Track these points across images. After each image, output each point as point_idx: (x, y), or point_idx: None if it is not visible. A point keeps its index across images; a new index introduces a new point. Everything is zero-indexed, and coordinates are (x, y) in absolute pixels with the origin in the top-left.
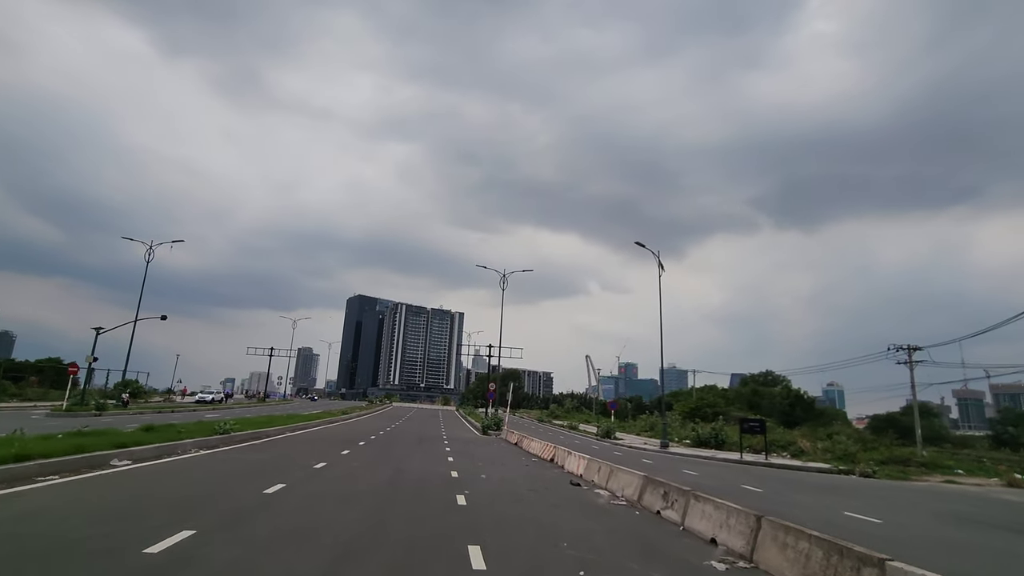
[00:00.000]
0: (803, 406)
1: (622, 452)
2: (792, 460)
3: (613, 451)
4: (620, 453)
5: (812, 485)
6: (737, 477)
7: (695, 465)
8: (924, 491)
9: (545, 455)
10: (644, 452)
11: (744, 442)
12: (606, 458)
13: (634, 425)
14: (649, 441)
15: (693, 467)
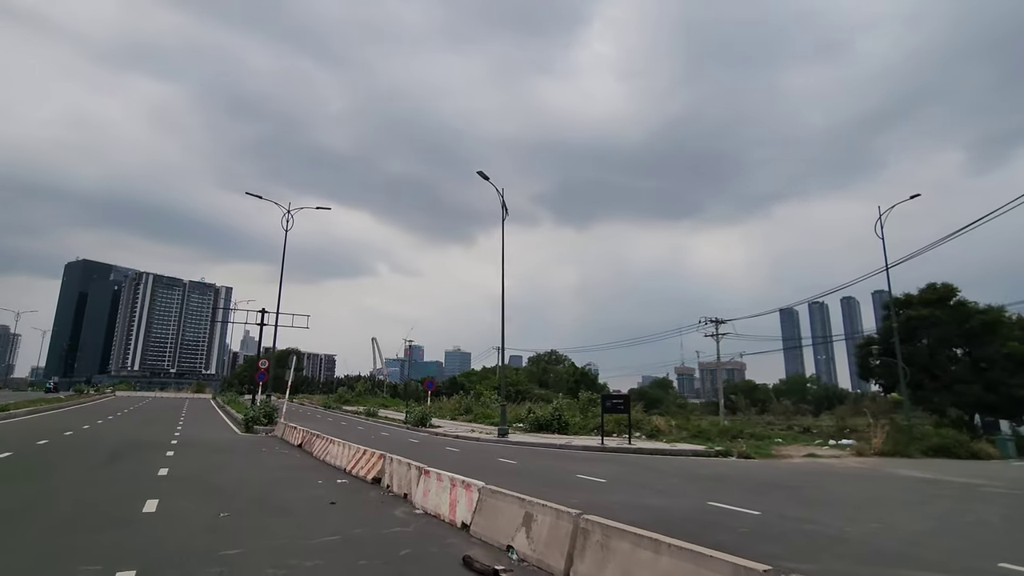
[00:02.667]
0: (587, 382)
1: (459, 448)
2: (657, 443)
3: (445, 446)
4: (457, 449)
5: (759, 482)
6: (646, 476)
7: (565, 459)
8: (867, 477)
9: (362, 470)
10: (485, 444)
11: (586, 424)
12: (468, 464)
13: (441, 408)
14: (476, 428)
15: (567, 462)
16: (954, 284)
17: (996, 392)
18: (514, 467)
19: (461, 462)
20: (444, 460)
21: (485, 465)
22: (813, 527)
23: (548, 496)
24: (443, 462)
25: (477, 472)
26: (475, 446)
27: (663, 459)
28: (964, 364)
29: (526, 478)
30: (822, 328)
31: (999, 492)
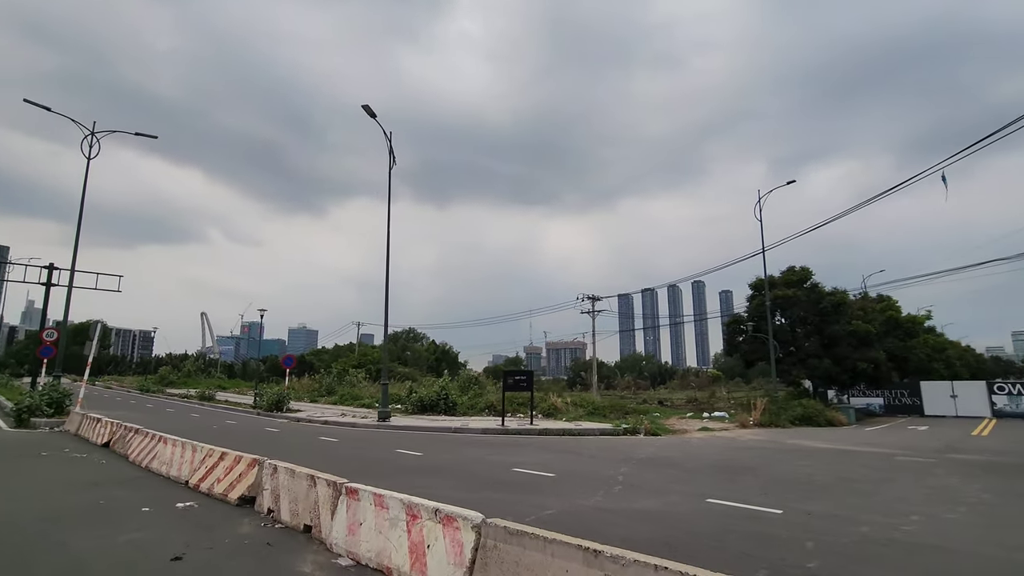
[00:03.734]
0: (448, 361)
1: (337, 438)
2: (559, 422)
3: (318, 436)
4: (336, 439)
5: (715, 465)
6: (589, 465)
7: (476, 446)
8: (793, 451)
9: (219, 484)
10: (368, 432)
11: (475, 404)
12: (361, 459)
13: (296, 389)
14: (347, 411)
15: (483, 449)
16: (809, 268)
17: (841, 365)
18: (424, 461)
19: (350, 457)
20: (325, 455)
21: (384, 460)
22: (866, 529)
23: (507, 503)
24: (324, 458)
25: (377, 471)
26: (356, 434)
27: (578, 440)
28: (816, 340)
29: (452, 477)
30: (665, 308)
31: (916, 460)
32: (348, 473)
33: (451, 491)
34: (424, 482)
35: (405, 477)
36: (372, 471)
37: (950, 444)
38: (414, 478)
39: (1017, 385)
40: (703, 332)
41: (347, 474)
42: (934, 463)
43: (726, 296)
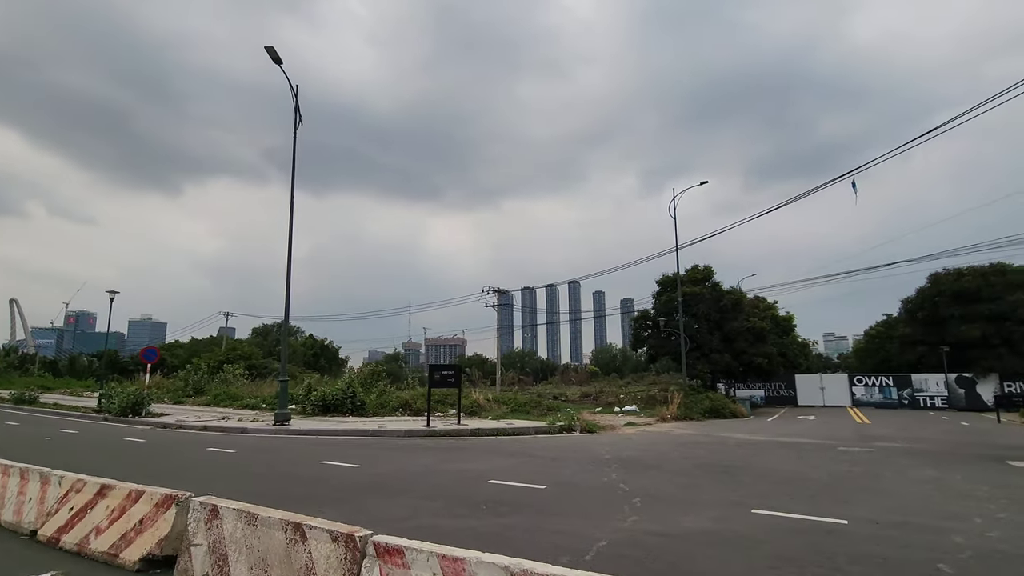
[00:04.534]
0: (328, 356)
1: (233, 447)
2: (488, 420)
3: (204, 447)
4: (232, 450)
5: (705, 466)
6: (563, 470)
7: (415, 452)
8: (744, 445)
9: (96, 536)
10: (269, 439)
11: (384, 402)
12: (279, 477)
13: (157, 389)
14: (230, 414)
15: (425, 456)
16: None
17: (739, 359)
18: (367, 476)
19: (267, 475)
20: (232, 474)
21: (315, 477)
22: (960, 539)
23: (529, 531)
24: (233, 478)
25: (319, 494)
26: (255, 442)
27: (520, 441)
28: (718, 336)
29: (421, 497)
30: (542, 305)
31: (864, 451)
32: (275, 498)
33: (444, 519)
34: (397, 508)
35: (362, 500)
36: (311, 494)
37: (860, 433)
38: (378, 501)
39: (870, 378)
40: (577, 331)
41: (274, 499)
42: (884, 453)
43: (599, 296)
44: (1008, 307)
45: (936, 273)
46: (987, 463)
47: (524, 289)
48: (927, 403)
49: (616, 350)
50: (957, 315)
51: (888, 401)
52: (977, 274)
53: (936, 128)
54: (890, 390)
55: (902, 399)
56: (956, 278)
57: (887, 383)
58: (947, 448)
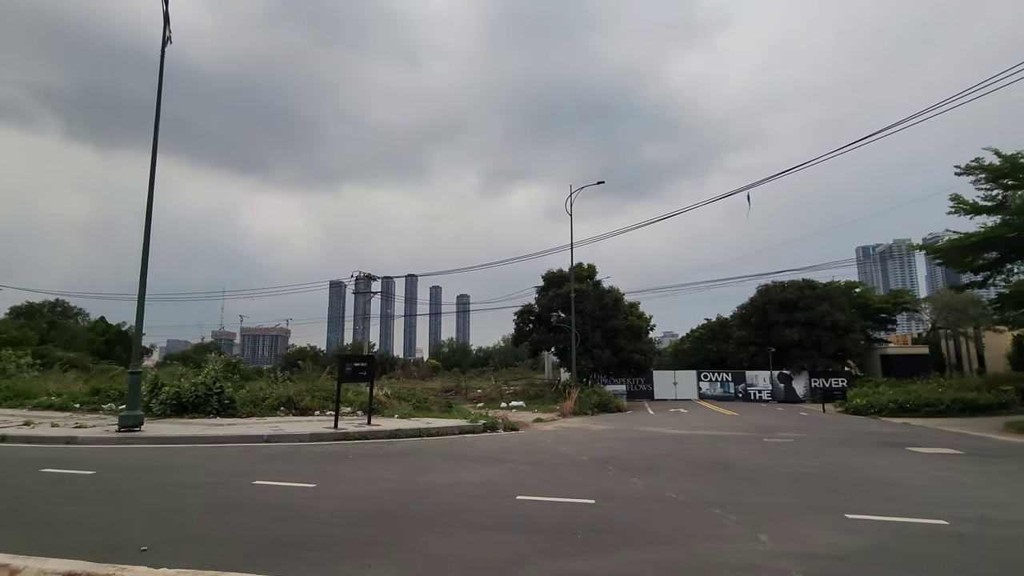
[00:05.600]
0: (125, 344)
1: (87, 467)
2: (405, 420)
3: (37, 469)
4: (91, 472)
5: (721, 465)
6: (577, 478)
7: (333, 460)
8: (698, 441)
9: None
10: (125, 451)
11: (258, 399)
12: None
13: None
14: (32, 418)
15: (348, 463)
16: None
17: (619, 356)
18: (361, 502)
19: (184, 510)
20: (123, 515)
21: (280, 508)
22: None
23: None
24: (129, 521)
25: (300, 536)
26: (111, 457)
27: (457, 442)
28: (599, 333)
29: (481, 528)
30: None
31: (787, 442)
32: (252, 548)
33: (561, 561)
34: (484, 549)
35: (414, 540)
36: (306, 538)
37: (752, 424)
38: (436, 540)
39: (714, 374)
40: (412, 325)
41: (252, 550)
42: (808, 443)
43: (436, 292)
44: (817, 316)
45: (766, 285)
46: (896, 451)
47: (383, 278)
48: (756, 396)
49: (457, 345)
50: (781, 321)
51: (727, 394)
52: (796, 287)
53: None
54: (729, 385)
55: (737, 392)
56: (781, 290)
57: (727, 379)
58: (844, 437)
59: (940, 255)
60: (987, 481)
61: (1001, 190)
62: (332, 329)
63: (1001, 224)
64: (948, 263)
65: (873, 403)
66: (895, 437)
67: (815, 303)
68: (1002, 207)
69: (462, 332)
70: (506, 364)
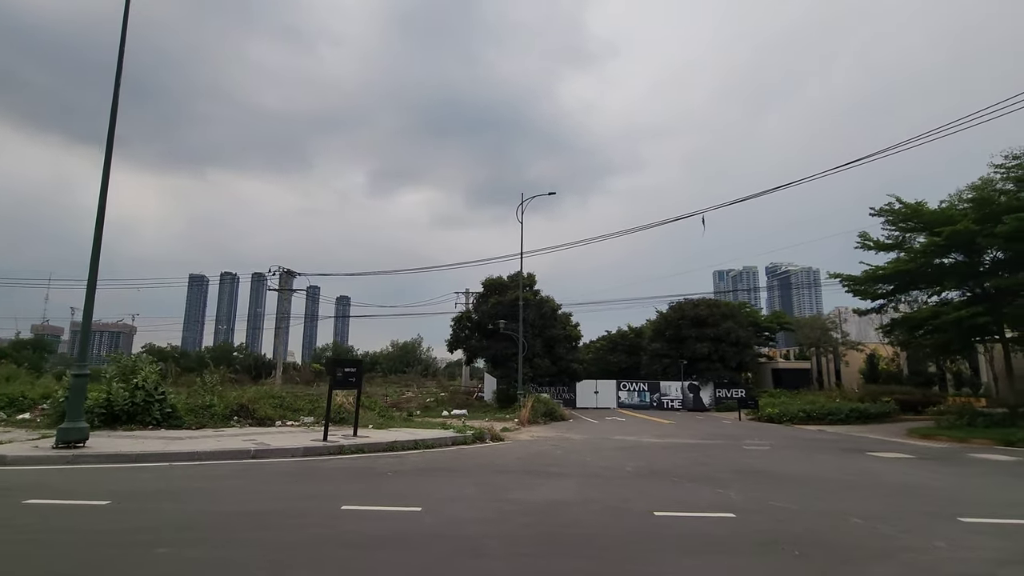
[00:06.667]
0: None
1: (54, 503)
2: (391, 430)
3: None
4: (76, 500)
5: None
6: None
7: (371, 478)
8: (686, 448)
9: None
10: (67, 469)
11: (197, 404)
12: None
13: None
14: None
15: (383, 480)
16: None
17: (558, 365)
18: (527, 527)
19: (306, 564)
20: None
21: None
22: None
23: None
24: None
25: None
26: (95, 483)
27: (464, 454)
28: (539, 342)
29: (713, 552)
30: (229, 301)
31: (761, 448)
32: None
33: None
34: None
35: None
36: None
37: (705, 432)
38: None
39: (632, 384)
40: (285, 326)
41: None
42: (792, 451)
43: (314, 292)
44: (723, 332)
45: (679, 302)
46: (858, 456)
47: (224, 275)
48: (669, 405)
49: (342, 349)
50: (693, 336)
51: (643, 403)
52: (706, 304)
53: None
54: (645, 394)
55: (652, 402)
56: (693, 307)
57: (644, 388)
58: (803, 444)
59: (852, 283)
60: (994, 483)
61: (900, 232)
62: (189, 328)
63: (907, 260)
64: (856, 292)
65: (785, 412)
66: (841, 443)
67: (721, 320)
68: (901, 245)
69: (341, 335)
70: (395, 371)
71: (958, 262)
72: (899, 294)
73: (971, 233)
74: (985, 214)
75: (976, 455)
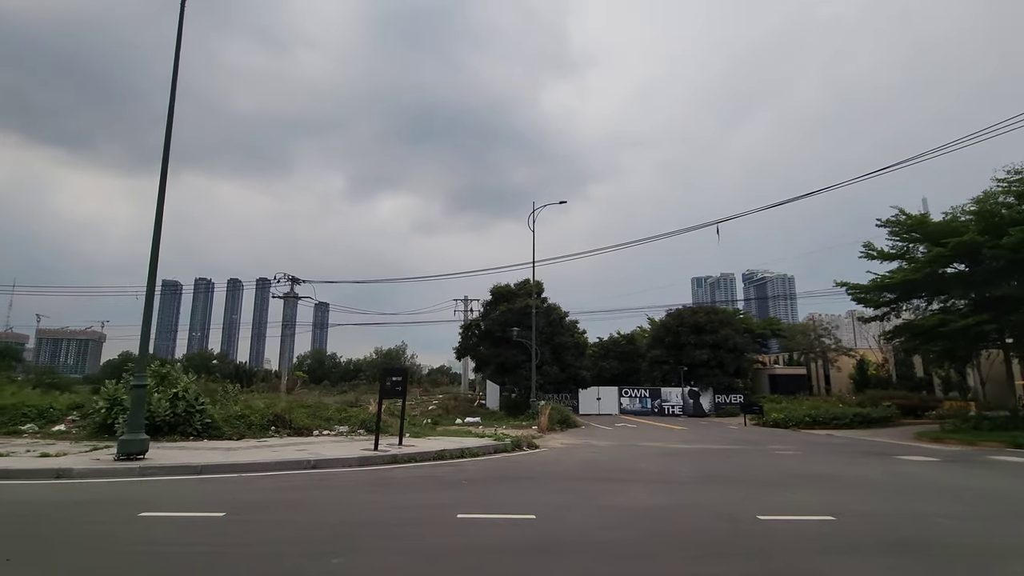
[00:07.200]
0: None
1: (182, 515)
2: (431, 438)
3: (129, 522)
4: (202, 511)
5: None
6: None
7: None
8: (721, 454)
9: None
10: (133, 482)
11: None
12: None
13: None
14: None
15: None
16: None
17: (566, 372)
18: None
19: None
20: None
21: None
22: None
23: None
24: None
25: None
26: (188, 495)
27: (508, 461)
28: (548, 349)
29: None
30: (204, 305)
31: (793, 453)
32: None
33: None
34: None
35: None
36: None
37: (729, 438)
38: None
39: (634, 391)
40: (261, 333)
41: None
42: (820, 455)
43: (291, 301)
44: (721, 338)
45: (678, 309)
46: (887, 459)
47: (199, 280)
48: (670, 411)
49: (324, 357)
50: (692, 342)
51: (645, 409)
52: (704, 312)
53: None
54: (647, 400)
55: (653, 408)
56: (692, 314)
57: (645, 395)
58: (828, 449)
59: (858, 291)
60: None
61: (907, 242)
62: (162, 336)
63: (913, 269)
64: (861, 300)
65: (790, 417)
66: (859, 447)
67: (719, 327)
68: (903, 255)
69: (319, 342)
70: (378, 378)
71: (961, 272)
72: (901, 302)
73: (976, 244)
74: (988, 226)
75: (993, 457)
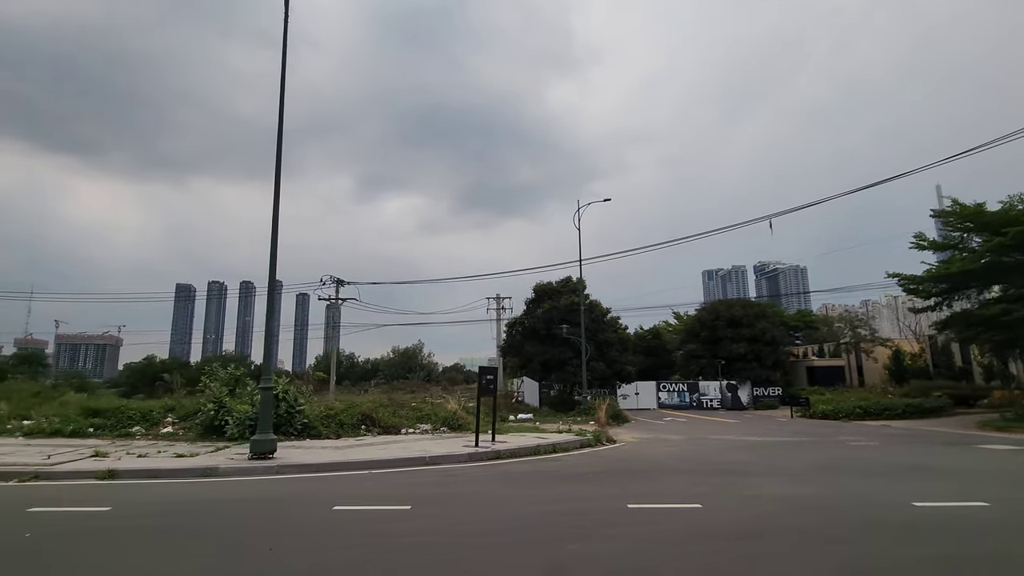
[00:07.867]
0: None
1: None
2: (522, 434)
3: (327, 516)
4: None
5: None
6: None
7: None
8: (807, 446)
9: None
10: (284, 480)
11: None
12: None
13: None
14: (103, 447)
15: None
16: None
17: (612, 367)
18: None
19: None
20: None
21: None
22: None
23: None
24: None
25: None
26: (355, 491)
27: (603, 458)
28: (592, 345)
29: None
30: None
31: (870, 445)
32: None
33: None
34: None
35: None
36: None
37: (789, 431)
38: None
39: (672, 385)
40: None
41: None
42: (901, 445)
43: (303, 299)
44: (759, 331)
45: (713, 303)
46: (971, 449)
47: (212, 282)
48: (708, 404)
49: (343, 356)
50: (729, 336)
51: (683, 403)
52: (740, 305)
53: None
54: (684, 394)
55: (691, 402)
56: (728, 307)
57: (683, 389)
58: (898, 440)
59: (912, 282)
60: None
61: (961, 232)
62: (176, 339)
63: (971, 259)
64: (912, 291)
65: (839, 408)
66: (929, 437)
67: (756, 320)
68: (956, 245)
69: (331, 342)
70: (396, 377)
71: (1021, 260)
72: (954, 292)
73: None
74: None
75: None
